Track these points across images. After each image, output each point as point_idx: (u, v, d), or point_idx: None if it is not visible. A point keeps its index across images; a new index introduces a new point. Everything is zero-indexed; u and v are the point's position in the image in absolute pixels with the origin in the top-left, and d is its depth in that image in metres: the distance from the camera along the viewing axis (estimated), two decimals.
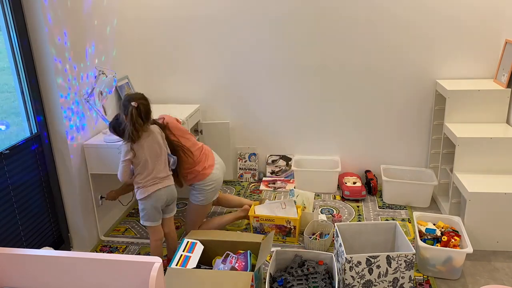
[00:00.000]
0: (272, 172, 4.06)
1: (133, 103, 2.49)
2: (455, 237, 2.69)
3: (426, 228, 2.78)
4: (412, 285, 2.43)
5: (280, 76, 3.79)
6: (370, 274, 2.38)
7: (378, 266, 2.37)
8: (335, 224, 2.67)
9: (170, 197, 2.72)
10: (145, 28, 3.81)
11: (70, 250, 3.04)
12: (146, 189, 2.61)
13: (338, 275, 2.40)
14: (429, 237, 2.73)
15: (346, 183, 3.73)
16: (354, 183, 3.72)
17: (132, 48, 3.77)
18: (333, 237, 2.93)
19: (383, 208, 3.52)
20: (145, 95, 2.62)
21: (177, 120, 3.03)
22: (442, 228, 2.81)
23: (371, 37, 3.56)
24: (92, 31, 3.11)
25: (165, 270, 2.37)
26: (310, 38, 3.64)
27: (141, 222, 2.69)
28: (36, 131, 2.71)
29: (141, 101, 2.55)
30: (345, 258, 2.34)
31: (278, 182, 3.97)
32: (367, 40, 3.58)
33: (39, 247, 2.72)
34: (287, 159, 4.03)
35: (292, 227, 3.05)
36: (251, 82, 3.84)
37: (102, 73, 2.89)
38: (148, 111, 2.58)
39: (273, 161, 4.05)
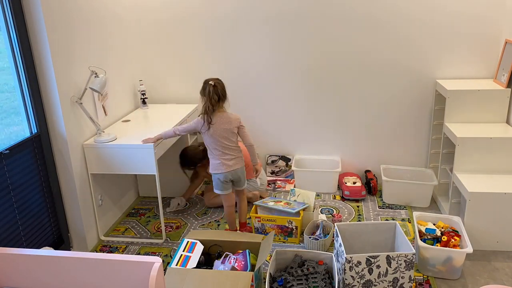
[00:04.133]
0: (272, 172, 4.06)
1: (211, 82, 2.84)
2: (455, 237, 2.69)
3: (426, 228, 2.78)
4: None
5: (280, 76, 3.79)
6: (370, 274, 2.38)
7: (378, 266, 2.37)
8: (335, 224, 2.67)
9: (235, 176, 2.98)
10: (144, 29, 3.81)
11: (70, 250, 3.04)
12: (214, 167, 2.95)
13: (338, 275, 2.40)
14: (429, 237, 2.73)
15: (346, 183, 3.73)
16: (354, 183, 3.72)
17: (131, 48, 3.77)
18: (333, 237, 2.93)
19: (383, 208, 3.52)
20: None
21: None
22: (442, 228, 2.81)
23: (371, 37, 3.57)
24: (91, 32, 3.12)
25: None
26: (310, 38, 3.64)
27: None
28: (36, 131, 2.71)
29: (218, 81, 2.88)
30: (345, 258, 2.34)
31: (278, 182, 3.97)
32: (367, 40, 3.58)
33: (39, 247, 2.72)
34: (286, 160, 4.03)
35: (294, 227, 3.05)
36: (250, 82, 3.84)
37: (95, 74, 2.89)
38: (223, 91, 2.89)
39: (272, 161, 4.05)
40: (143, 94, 3.80)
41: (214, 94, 2.83)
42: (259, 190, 3.62)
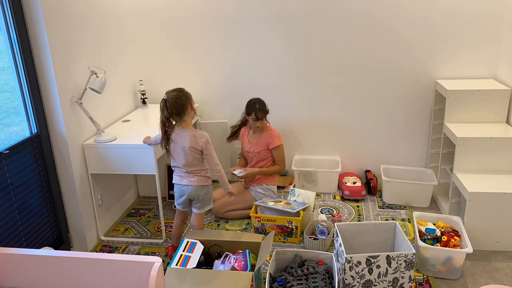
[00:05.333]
0: None
1: (164, 96, 2.61)
2: (455, 237, 2.69)
3: (426, 228, 2.78)
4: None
5: (279, 75, 3.79)
6: (370, 274, 2.38)
7: (378, 266, 2.37)
8: (335, 224, 2.67)
9: (183, 195, 2.77)
10: (144, 28, 3.81)
11: (70, 250, 3.04)
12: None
13: (338, 275, 2.40)
14: (429, 237, 2.73)
15: (346, 183, 3.73)
16: (354, 183, 3.72)
17: (131, 48, 3.77)
18: (333, 237, 2.93)
19: (383, 208, 3.52)
20: (182, 90, 2.67)
21: None
22: (442, 228, 2.81)
23: (371, 37, 3.57)
24: (91, 32, 3.12)
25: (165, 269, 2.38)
26: (310, 38, 3.64)
27: None
28: (36, 131, 2.71)
29: (173, 93, 2.62)
30: (345, 258, 2.34)
31: None
32: (367, 41, 3.58)
33: (39, 247, 2.72)
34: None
35: (294, 227, 3.05)
36: (249, 81, 3.84)
37: (94, 74, 2.89)
38: (175, 104, 2.61)
39: None
40: (143, 94, 3.80)
41: (164, 109, 2.68)
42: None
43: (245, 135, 3.56)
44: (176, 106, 2.62)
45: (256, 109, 3.34)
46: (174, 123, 2.68)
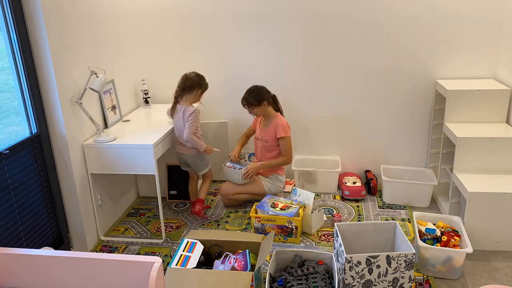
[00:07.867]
0: None
1: (187, 72, 3.23)
2: (455, 237, 2.69)
3: (426, 228, 2.78)
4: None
5: (279, 75, 3.79)
6: (370, 274, 2.38)
7: (378, 266, 2.37)
8: (335, 224, 2.67)
9: (182, 160, 3.41)
10: (144, 28, 3.81)
11: (70, 250, 3.04)
12: None
13: (338, 275, 2.40)
14: (429, 237, 2.73)
15: (346, 183, 3.73)
16: (354, 183, 3.72)
17: (131, 48, 3.77)
18: (333, 236, 2.93)
19: (383, 208, 3.52)
20: (202, 78, 3.26)
21: None
22: (442, 228, 2.81)
23: (371, 37, 3.57)
24: (92, 31, 3.12)
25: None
26: (310, 38, 3.64)
27: None
28: (36, 131, 2.71)
29: (192, 74, 3.23)
30: (345, 258, 2.34)
31: None
32: (367, 40, 3.58)
33: (39, 247, 2.72)
34: None
35: (294, 227, 3.05)
36: (250, 81, 3.83)
37: (94, 74, 2.89)
38: (186, 82, 3.20)
39: None
40: (145, 94, 3.80)
41: (180, 83, 3.26)
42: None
43: (258, 121, 3.61)
44: (186, 84, 3.20)
45: (243, 97, 3.42)
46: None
